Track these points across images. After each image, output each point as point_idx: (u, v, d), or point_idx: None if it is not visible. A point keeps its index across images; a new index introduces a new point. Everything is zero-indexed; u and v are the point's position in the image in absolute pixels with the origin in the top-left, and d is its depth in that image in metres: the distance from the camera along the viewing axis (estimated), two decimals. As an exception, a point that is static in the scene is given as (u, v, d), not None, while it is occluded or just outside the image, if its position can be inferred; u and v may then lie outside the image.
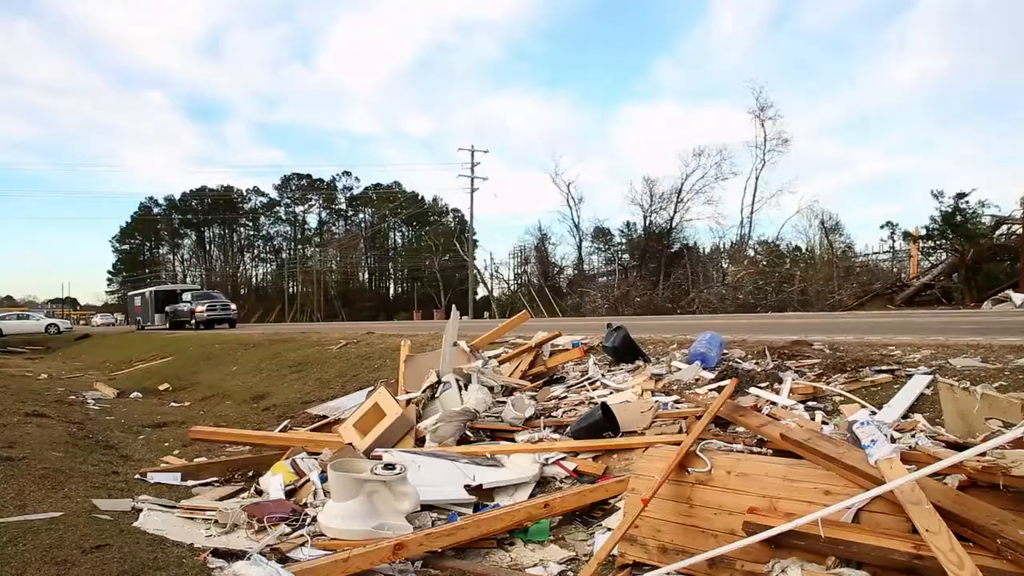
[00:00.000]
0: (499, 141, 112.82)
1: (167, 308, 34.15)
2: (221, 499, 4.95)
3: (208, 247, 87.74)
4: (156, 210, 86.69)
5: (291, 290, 76.84)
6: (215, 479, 5.59)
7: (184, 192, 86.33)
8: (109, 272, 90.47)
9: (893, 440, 3.16)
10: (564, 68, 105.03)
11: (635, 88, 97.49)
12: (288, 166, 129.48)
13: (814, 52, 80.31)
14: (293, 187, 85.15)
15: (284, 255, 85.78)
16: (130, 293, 48.70)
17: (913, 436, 3.54)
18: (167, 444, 7.38)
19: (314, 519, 4.09)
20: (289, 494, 4.73)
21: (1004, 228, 22.48)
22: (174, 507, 4.64)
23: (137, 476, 5.61)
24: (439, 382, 6.06)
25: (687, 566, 2.93)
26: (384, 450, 5.06)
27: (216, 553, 3.60)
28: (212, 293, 36.04)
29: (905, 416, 4.00)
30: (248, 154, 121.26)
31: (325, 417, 7.21)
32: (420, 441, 5.35)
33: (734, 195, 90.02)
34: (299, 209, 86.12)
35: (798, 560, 2.63)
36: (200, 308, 30.41)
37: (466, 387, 5.92)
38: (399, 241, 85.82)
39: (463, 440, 5.25)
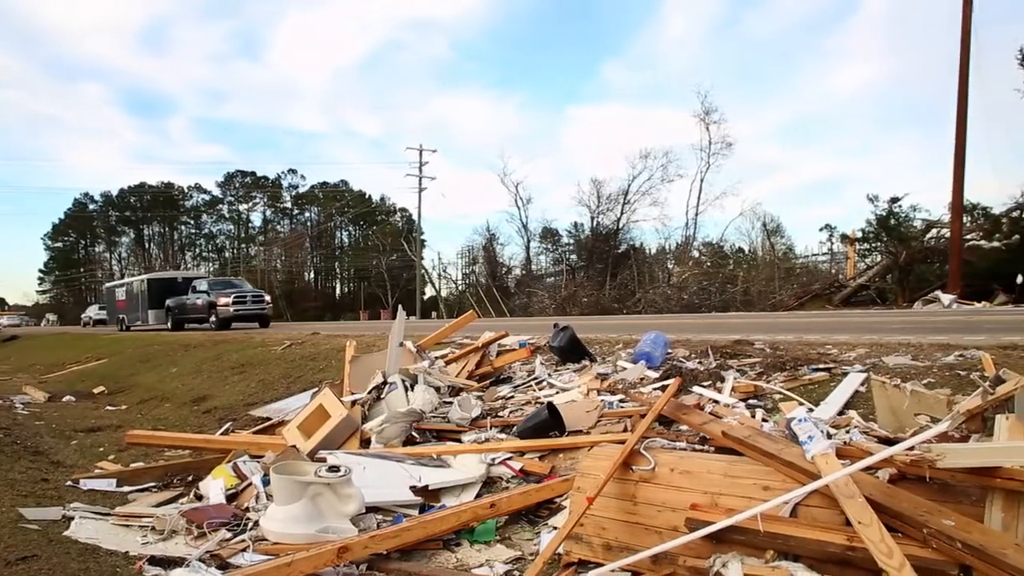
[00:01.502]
0: (448, 141, 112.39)
1: (169, 302, 25.73)
2: (159, 505, 4.81)
3: (147, 245, 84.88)
4: (92, 207, 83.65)
5: (234, 290, 74.92)
6: (153, 484, 5.43)
7: (122, 188, 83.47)
8: (40, 271, 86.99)
9: (829, 436, 3.26)
10: (515, 69, 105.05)
11: (584, 90, 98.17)
12: (232, 163, 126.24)
13: (760, 57, 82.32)
14: (237, 185, 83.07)
15: (227, 254, 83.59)
16: (107, 285, 39.23)
17: (848, 432, 3.65)
18: (102, 449, 7.13)
19: (256, 523, 4.01)
20: (230, 498, 4.63)
21: (934, 232, 23.41)
22: (108, 514, 4.49)
23: (69, 483, 5.40)
24: (385, 383, 6.00)
25: (631, 563, 2.96)
26: (329, 452, 4.98)
27: (153, 561, 3.51)
28: (234, 281, 28.12)
29: (841, 413, 4.12)
30: (190, 150, 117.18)
31: (268, 419, 7.06)
32: (366, 443, 5.29)
33: (679, 197, 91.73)
34: (243, 207, 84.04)
35: (738, 554, 2.70)
36: (224, 300, 22.39)
37: (412, 388, 5.87)
38: (346, 240, 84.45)
39: (409, 441, 5.21)
